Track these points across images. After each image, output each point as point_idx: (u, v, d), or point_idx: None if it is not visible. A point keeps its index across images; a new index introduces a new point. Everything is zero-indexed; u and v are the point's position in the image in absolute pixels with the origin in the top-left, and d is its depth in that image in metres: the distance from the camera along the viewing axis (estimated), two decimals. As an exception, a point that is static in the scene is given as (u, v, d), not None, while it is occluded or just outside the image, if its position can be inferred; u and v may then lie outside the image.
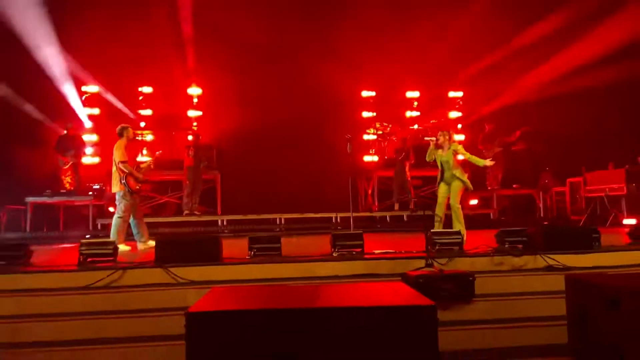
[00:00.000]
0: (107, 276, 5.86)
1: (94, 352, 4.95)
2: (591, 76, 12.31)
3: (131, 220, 8.06)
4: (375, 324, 3.25)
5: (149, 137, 12.99)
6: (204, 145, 12.47)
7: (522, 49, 12.50)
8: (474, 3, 12.48)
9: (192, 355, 3.22)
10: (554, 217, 12.21)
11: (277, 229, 11.04)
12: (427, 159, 8.04)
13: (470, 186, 7.82)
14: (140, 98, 13.12)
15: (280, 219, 11.46)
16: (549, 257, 6.11)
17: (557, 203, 13.00)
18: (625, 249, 6.74)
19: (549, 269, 6.05)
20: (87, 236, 10.10)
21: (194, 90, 13.28)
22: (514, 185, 13.22)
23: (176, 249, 6.36)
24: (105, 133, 12.05)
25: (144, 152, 12.69)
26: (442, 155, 7.83)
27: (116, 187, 7.91)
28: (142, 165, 7.87)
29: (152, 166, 8.13)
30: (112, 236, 7.67)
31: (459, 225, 7.67)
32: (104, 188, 11.60)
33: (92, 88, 12.85)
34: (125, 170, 7.63)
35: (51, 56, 11.75)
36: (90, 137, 12.75)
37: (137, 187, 7.74)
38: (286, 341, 3.21)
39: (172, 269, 5.94)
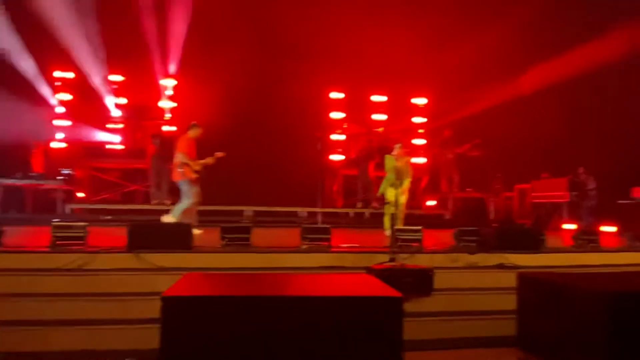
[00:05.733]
0: (78, 259, 5.90)
1: (62, 332, 5.01)
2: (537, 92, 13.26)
3: (185, 202, 8.44)
4: (345, 313, 3.38)
5: (119, 126, 12.90)
6: (172, 135, 12.44)
7: (480, 63, 13.08)
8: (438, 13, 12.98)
9: (167, 337, 3.29)
10: (502, 220, 12.90)
11: (245, 221, 11.18)
12: (386, 164, 8.74)
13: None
14: (114, 87, 12.96)
15: (249, 211, 11.61)
16: (501, 256, 6.59)
17: (506, 207, 13.89)
18: (570, 250, 7.39)
19: (500, 266, 6.52)
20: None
21: (168, 82, 13.22)
22: (467, 189, 13.92)
23: (148, 236, 6.39)
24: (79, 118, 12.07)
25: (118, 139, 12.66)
26: (399, 164, 8.60)
27: (177, 176, 8.40)
28: (200, 161, 8.50)
29: (210, 163, 8.70)
30: (175, 213, 8.29)
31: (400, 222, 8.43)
32: (73, 173, 11.54)
33: (65, 74, 12.57)
34: (183, 160, 8.22)
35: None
36: (61, 123, 12.61)
37: (193, 177, 8.34)
38: (258, 327, 3.33)
39: (143, 255, 6.03)
